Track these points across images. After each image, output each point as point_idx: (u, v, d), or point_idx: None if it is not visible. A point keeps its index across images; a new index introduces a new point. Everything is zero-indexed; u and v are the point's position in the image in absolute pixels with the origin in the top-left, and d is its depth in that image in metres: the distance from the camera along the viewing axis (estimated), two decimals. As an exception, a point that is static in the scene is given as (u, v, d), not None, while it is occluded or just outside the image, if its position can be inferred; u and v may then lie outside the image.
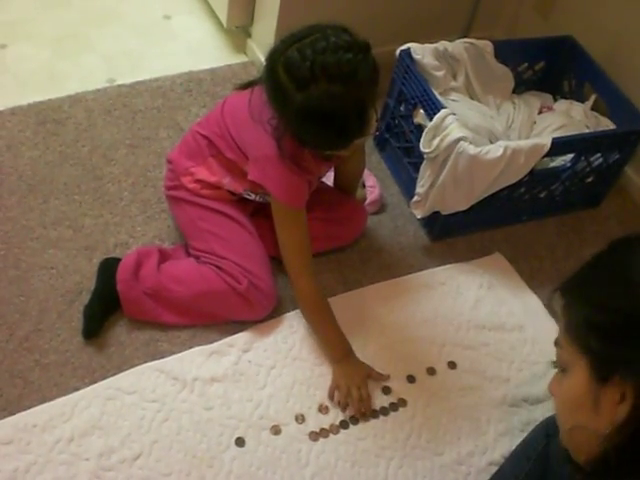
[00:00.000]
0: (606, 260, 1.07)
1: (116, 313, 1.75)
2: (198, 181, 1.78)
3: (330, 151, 1.60)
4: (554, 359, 1.14)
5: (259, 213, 1.88)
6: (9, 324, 1.70)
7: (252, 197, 1.79)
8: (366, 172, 2.07)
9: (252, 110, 1.60)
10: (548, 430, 1.42)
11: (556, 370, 1.14)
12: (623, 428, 0.99)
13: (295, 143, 1.57)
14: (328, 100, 1.40)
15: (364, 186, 2.09)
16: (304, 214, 1.68)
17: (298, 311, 1.82)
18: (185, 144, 1.83)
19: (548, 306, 1.06)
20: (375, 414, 1.68)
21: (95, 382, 1.63)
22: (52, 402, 1.59)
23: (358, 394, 1.66)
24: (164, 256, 1.81)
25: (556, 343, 1.10)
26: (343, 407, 1.67)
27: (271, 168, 1.61)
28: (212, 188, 1.78)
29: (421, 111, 1.99)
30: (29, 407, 1.57)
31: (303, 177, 1.63)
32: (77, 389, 1.62)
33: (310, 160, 1.63)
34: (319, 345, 1.76)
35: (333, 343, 1.73)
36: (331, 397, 1.68)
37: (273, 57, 1.44)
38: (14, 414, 1.55)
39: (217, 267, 1.74)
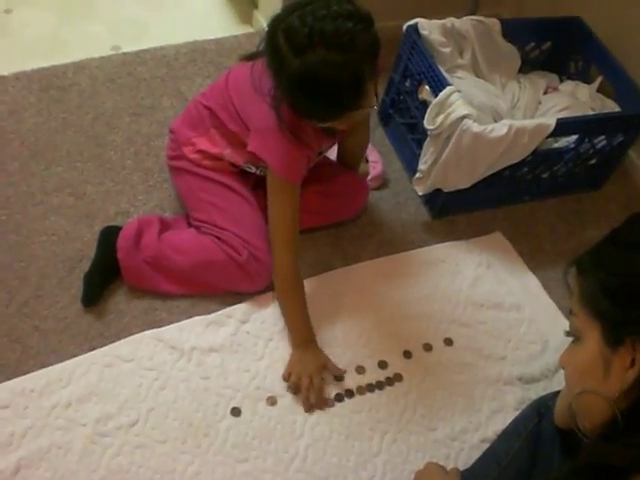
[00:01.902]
0: (622, 232, 1.12)
1: (116, 281, 1.75)
2: (199, 152, 1.78)
3: (323, 122, 1.56)
4: (565, 330, 1.19)
5: (260, 186, 1.87)
6: (9, 289, 1.71)
7: (252, 170, 1.79)
8: (369, 147, 2.06)
9: (254, 81, 1.59)
10: (540, 409, 1.43)
11: (569, 341, 1.17)
12: (631, 392, 1.04)
13: (293, 115, 1.56)
14: (323, 68, 1.37)
15: (367, 161, 2.08)
16: (298, 191, 1.67)
17: (297, 284, 1.83)
18: (188, 114, 1.82)
19: (563, 279, 1.13)
20: (371, 388, 1.68)
21: (93, 349, 1.64)
22: (50, 368, 1.60)
23: (308, 382, 1.64)
24: (165, 226, 1.82)
25: (570, 312, 1.14)
26: (293, 392, 1.65)
27: (271, 139, 1.60)
28: (213, 159, 1.78)
29: (426, 87, 1.98)
30: (27, 372, 1.58)
31: (302, 151, 1.62)
32: (75, 355, 1.63)
33: (310, 134, 1.62)
34: (285, 326, 1.75)
35: (298, 327, 1.72)
36: (284, 380, 1.67)
37: (274, 23, 1.43)
38: (12, 379, 1.57)
39: (217, 238, 1.74)
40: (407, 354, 1.76)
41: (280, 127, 1.56)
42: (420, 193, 2.04)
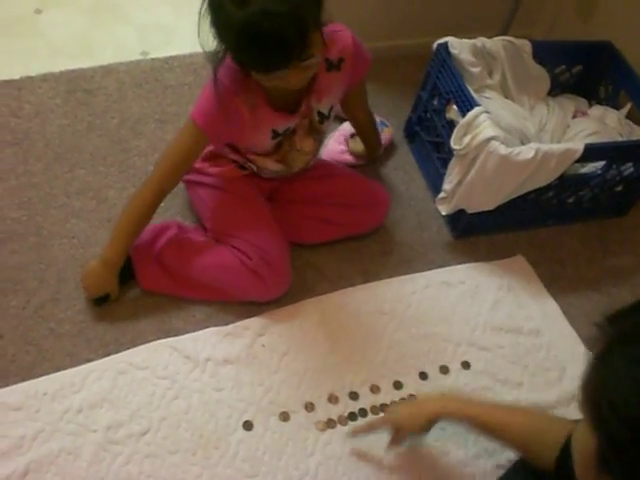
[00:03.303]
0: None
1: (131, 286, 1.75)
2: (204, 159, 1.78)
3: (269, 73, 1.46)
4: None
5: (276, 197, 1.90)
6: (27, 290, 1.71)
7: (254, 169, 1.79)
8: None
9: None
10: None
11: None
12: None
13: (232, 78, 1.54)
14: (265, 17, 1.33)
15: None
16: (201, 142, 1.64)
17: (316, 299, 1.82)
18: None
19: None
20: (385, 409, 1.66)
21: (108, 355, 1.64)
22: (64, 372, 1.59)
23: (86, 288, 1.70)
24: (183, 232, 1.82)
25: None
26: None
27: (204, 88, 1.60)
28: (218, 163, 1.78)
29: (454, 107, 1.96)
30: (41, 375, 1.58)
31: (226, 113, 1.58)
32: (89, 360, 1.62)
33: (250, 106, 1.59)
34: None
35: (113, 242, 1.68)
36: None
37: None
38: (25, 380, 1.56)
39: (232, 246, 1.75)
40: (423, 375, 1.74)
41: (215, 85, 1.54)
42: (443, 213, 2.02)
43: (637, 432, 0.84)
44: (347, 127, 2.12)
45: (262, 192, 1.86)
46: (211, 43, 1.47)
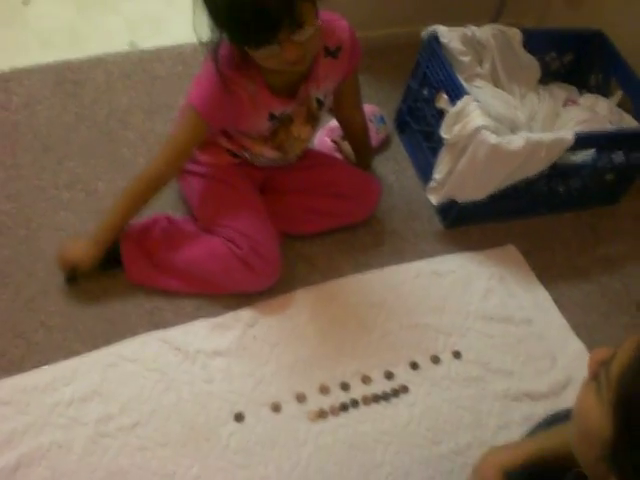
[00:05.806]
0: None
1: (121, 279, 1.73)
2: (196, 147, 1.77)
3: (260, 47, 1.43)
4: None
5: (269, 188, 1.89)
6: (16, 284, 1.70)
7: (247, 156, 1.78)
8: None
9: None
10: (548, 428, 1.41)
11: (579, 355, 1.01)
12: None
13: (230, 64, 1.53)
14: None
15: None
16: (200, 128, 1.63)
17: (306, 289, 1.81)
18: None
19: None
20: (376, 399, 1.66)
21: (98, 348, 1.63)
22: (54, 365, 1.59)
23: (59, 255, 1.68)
24: (173, 224, 1.81)
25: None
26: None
27: (201, 74, 1.59)
28: (210, 151, 1.77)
29: (444, 96, 1.96)
30: (30, 369, 1.57)
31: (226, 97, 1.57)
32: (79, 353, 1.61)
33: (250, 91, 1.58)
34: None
35: (103, 223, 1.68)
36: None
37: None
38: (15, 374, 1.55)
39: (222, 236, 1.74)
40: (414, 365, 1.74)
41: (214, 68, 1.53)
42: (434, 203, 2.02)
43: None
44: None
45: (254, 182, 1.85)
46: (206, 31, 1.46)
